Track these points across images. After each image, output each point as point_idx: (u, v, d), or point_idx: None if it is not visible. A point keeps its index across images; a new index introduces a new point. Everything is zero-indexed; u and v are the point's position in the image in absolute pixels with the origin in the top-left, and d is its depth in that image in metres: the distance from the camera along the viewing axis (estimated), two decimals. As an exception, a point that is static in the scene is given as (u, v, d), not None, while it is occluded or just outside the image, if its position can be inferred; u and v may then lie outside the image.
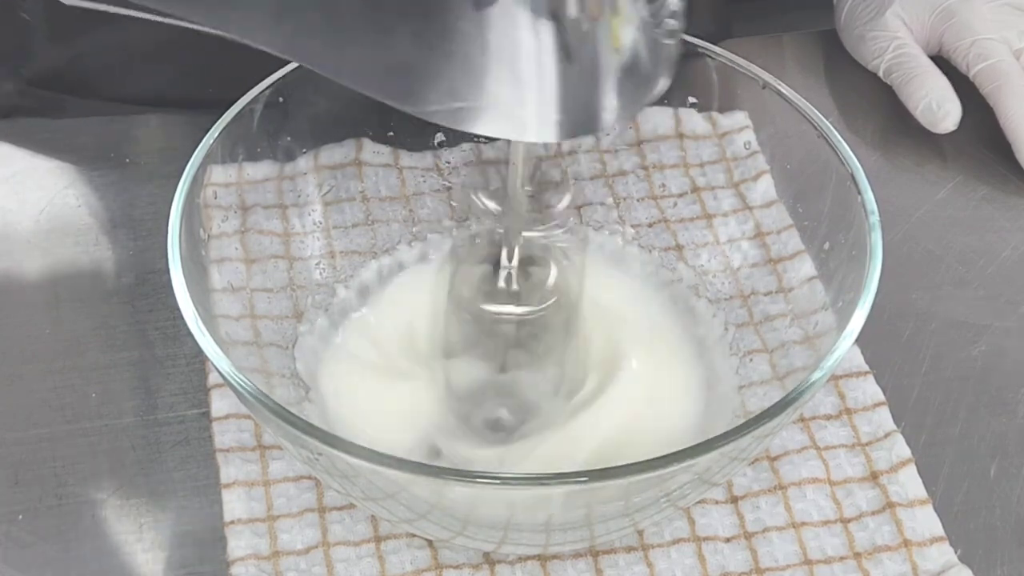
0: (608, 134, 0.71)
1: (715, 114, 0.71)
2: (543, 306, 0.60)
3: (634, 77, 0.46)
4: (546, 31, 0.44)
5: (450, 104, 0.45)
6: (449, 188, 0.70)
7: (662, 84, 0.48)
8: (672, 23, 0.46)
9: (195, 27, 0.47)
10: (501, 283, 0.58)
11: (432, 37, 0.44)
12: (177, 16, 0.47)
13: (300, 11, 0.45)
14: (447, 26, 0.44)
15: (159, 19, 0.48)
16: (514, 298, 0.59)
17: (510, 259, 0.58)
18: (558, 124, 0.46)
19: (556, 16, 0.44)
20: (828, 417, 0.63)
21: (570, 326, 0.61)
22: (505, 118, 0.46)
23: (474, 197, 0.60)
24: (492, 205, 0.60)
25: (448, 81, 0.45)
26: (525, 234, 0.58)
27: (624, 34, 0.45)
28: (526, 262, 0.59)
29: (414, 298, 0.66)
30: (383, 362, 0.63)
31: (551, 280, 0.60)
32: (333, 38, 0.46)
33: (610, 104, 0.46)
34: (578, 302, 0.61)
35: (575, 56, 0.44)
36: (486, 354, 0.61)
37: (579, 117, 0.46)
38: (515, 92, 0.45)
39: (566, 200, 0.62)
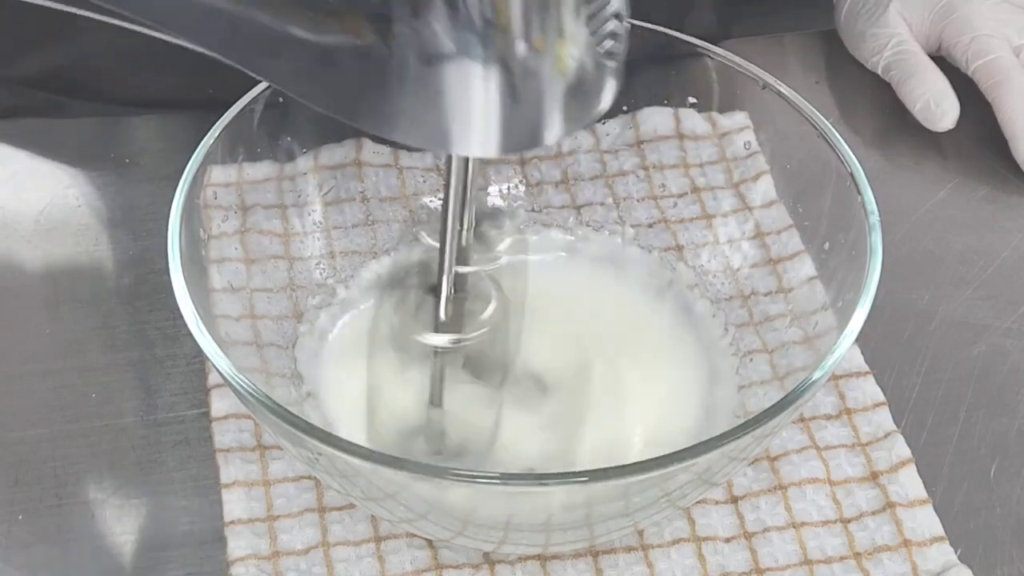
0: (594, 130, 0.71)
1: (715, 114, 0.71)
2: (475, 334, 0.59)
3: (578, 95, 0.47)
4: (494, 70, 0.44)
5: (394, 124, 0.46)
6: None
7: (605, 102, 0.48)
8: (612, 43, 0.47)
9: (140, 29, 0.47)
10: (439, 313, 0.57)
11: (379, 74, 0.45)
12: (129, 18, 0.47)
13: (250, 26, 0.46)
14: (395, 67, 0.44)
15: (115, 22, 0.48)
16: (448, 327, 0.58)
17: (445, 290, 0.57)
18: (500, 142, 0.46)
19: (503, 59, 0.44)
20: (828, 417, 0.63)
21: (506, 358, 0.60)
22: (448, 135, 0.46)
23: (417, 231, 0.60)
24: (430, 240, 0.60)
25: (393, 105, 0.45)
26: (459, 269, 0.57)
27: (569, 57, 0.46)
28: (462, 293, 0.59)
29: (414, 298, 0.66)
30: (383, 362, 0.63)
31: (487, 311, 0.59)
32: (307, 66, 0.46)
33: (554, 122, 0.47)
34: (516, 334, 0.60)
35: (520, 90, 0.45)
36: (419, 388, 0.60)
37: (521, 135, 0.47)
38: (460, 118, 0.45)
39: (507, 238, 0.62)
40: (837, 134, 0.60)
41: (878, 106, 0.78)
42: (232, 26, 0.45)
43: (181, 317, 0.54)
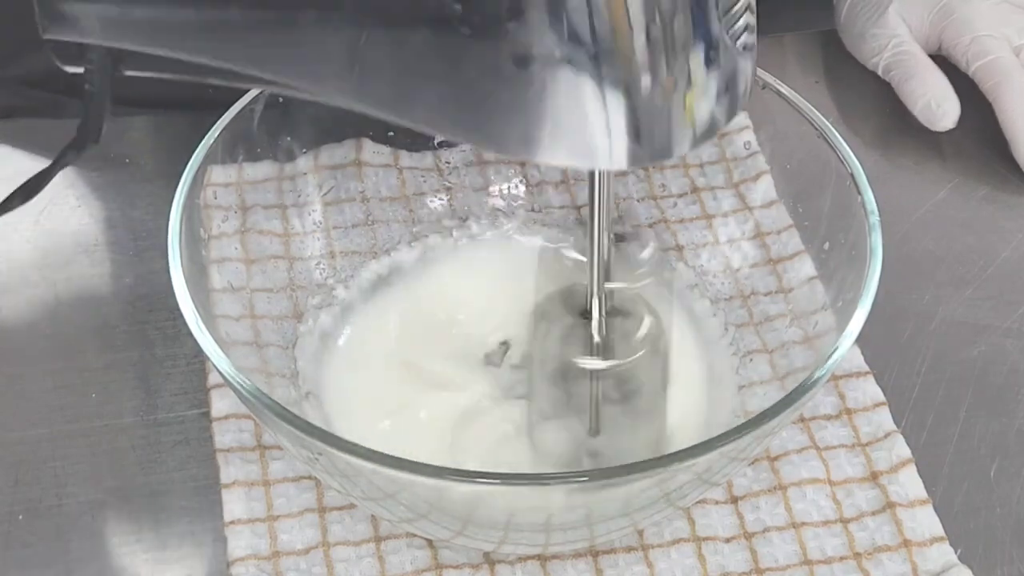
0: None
1: (715, 114, 0.70)
2: (632, 358, 0.58)
3: (719, 98, 0.46)
4: (617, 102, 0.44)
5: (523, 144, 0.45)
6: (450, 188, 0.70)
7: (743, 98, 0.47)
8: (747, 37, 0.46)
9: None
10: (592, 336, 0.57)
11: (502, 92, 0.44)
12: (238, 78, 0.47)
13: (370, 59, 0.45)
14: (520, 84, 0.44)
15: (222, 83, 0.48)
16: (602, 351, 0.57)
17: (598, 311, 0.56)
18: (630, 154, 0.45)
19: (628, 90, 0.43)
20: (828, 417, 0.63)
21: (664, 378, 0.59)
22: (578, 150, 0.45)
23: (561, 252, 0.59)
24: (575, 256, 0.59)
25: (522, 129, 0.44)
26: (610, 285, 0.57)
27: (699, 107, 0.45)
28: (613, 313, 0.58)
29: (414, 298, 0.66)
30: (383, 362, 0.63)
31: (641, 331, 0.59)
32: (404, 82, 0.45)
33: (686, 132, 0.46)
34: (668, 353, 0.59)
35: (645, 125, 0.44)
36: (575, 413, 0.59)
37: (653, 147, 0.46)
38: (586, 134, 0.44)
39: (650, 248, 0.61)
40: (837, 134, 0.60)
41: (878, 106, 0.78)
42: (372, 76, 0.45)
43: (181, 317, 0.54)
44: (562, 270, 0.62)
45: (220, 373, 0.53)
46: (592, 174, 0.53)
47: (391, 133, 0.69)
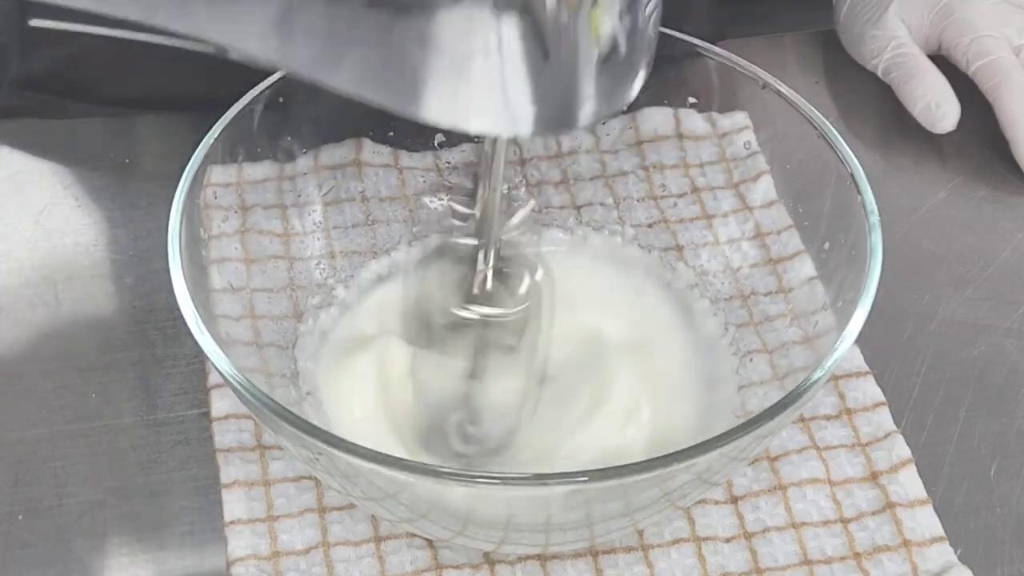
0: (594, 130, 0.71)
1: (715, 114, 0.71)
2: (518, 309, 0.58)
3: (614, 71, 0.46)
4: (521, 25, 0.44)
5: (438, 104, 0.45)
6: (450, 188, 0.70)
7: (642, 76, 0.48)
8: (652, 6, 0.46)
9: (172, 43, 0.47)
10: (476, 287, 0.57)
11: (413, 39, 0.44)
12: (157, 30, 0.47)
13: (298, 19, 0.45)
14: (425, 27, 0.44)
15: (136, 36, 0.48)
16: (489, 301, 0.58)
17: (486, 262, 0.57)
18: (535, 120, 0.46)
19: (531, 9, 0.44)
20: (828, 417, 0.63)
21: (543, 331, 0.59)
22: (489, 115, 0.46)
23: (450, 203, 0.60)
24: (465, 209, 0.59)
25: (432, 82, 0.45)
26: (503, 237, 0.57)
27: (604, 23, 0.45)
28: (501, 265, 0.58)
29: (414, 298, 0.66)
30: (383, 361, 0.63)
31: (526, 283, 0.59)
32: (329, 44, 0.46)
33: (589, 99, 0.46)
34: (552, 307, 0.60)
35: (552, 50, 0.44)
36: (456, 360, 0.59)
37: (558, 112, 0.46)
38: (494, 89, 0.45)
39: (530, 205, 0.61)
40: (837, 134, 0.60)
41: (878, 106, 0.78)
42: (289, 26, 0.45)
43: (181, 317, 0.54)
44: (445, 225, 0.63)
45: (220, 373, 0.53)
46: (490, 144, 0.53)
47: (391, 133, 0.69)
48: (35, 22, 0.51)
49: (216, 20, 0.47)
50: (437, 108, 0.46)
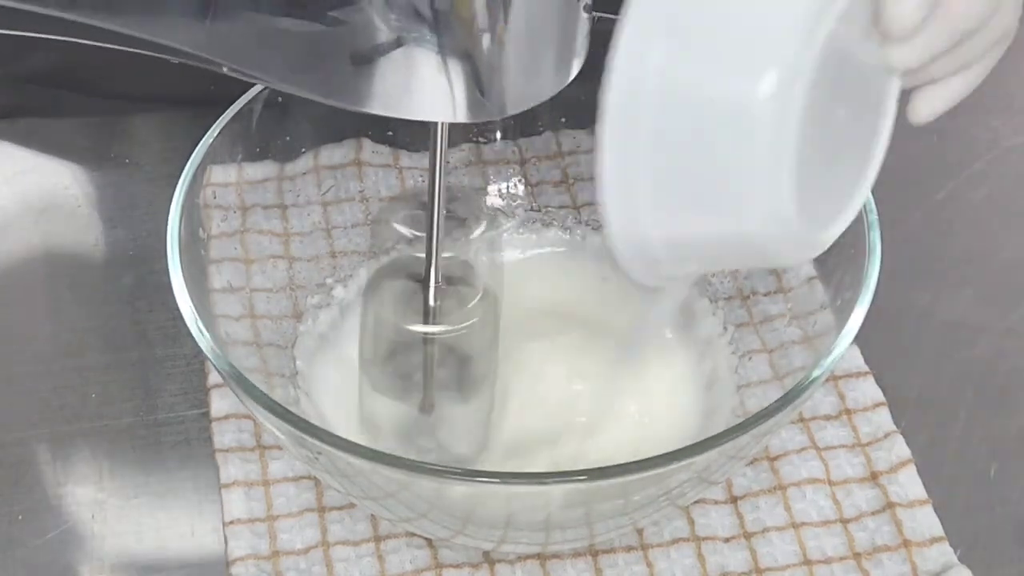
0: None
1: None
2: (465, 324, 0.58)
3: (548, 57, 0.47)
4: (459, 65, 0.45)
5: (369, 92, 0.46)
6: (449, 188, 0.69)
7: (576, 65, 0.48)
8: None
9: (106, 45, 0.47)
10: (427, 302, 0.57)
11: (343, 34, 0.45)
12: (99, 33, 0.47)
13: (225, 14, 0.46)
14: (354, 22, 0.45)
15: (83, 41, 0.48)
16: (437, 317, 0.57)
17: (434, 279, 0.56)
18: (468, 107, 0.46)
19: (469, 53, 0.45)
20: (828, 417, 0.63)
21: (494, 346, 0.59)
22: (426, 104, 0.46)
23: (395, 225, 0.60)
24: (409, 231, 0.59)
25: (368, 73, 0.46)
26: (446, 253, 0.57)
27: (536, 61, 0.46)
28: (447, 282, 0.58)
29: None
30: (374, 354, 0.63)
31: (474, 300, 0.58)
32: (258, 38, 0.46)
33: (520, 85, 0.47)
34: (498, 322, 0.59)
35: (486, 80, 0.45)
36: (410, 383, 0.59)
37: (490, 100, 0.47)
38: (429, 76, 0.45)
39: (482, 226, 0.62)
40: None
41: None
42: (223, 26, 0.46)
43: (181, 317, 0.54)
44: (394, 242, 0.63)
45: (220, 373, 0.53)
46: (434, 130, 0.53)
47: (390, 133, 0.69)
48: None
49: (141, 11, 0.47)
50: (379, 101, 0.46)
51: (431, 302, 0.56)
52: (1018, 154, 0.76)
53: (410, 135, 0.69)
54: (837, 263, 0.59)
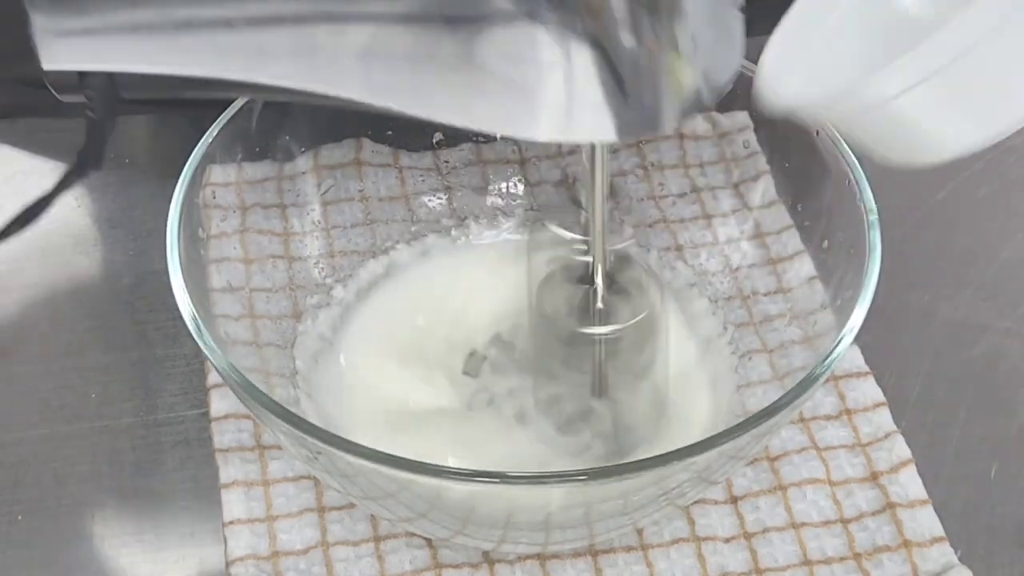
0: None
1: (715, 114, 0.71)
2: (636, 320, 0.58)
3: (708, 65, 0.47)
4: (599, 59, 0.44)
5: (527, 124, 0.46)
6: (449, 188, 0.70)
7: (733, 71, 0.49)
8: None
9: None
10: (594, 303, 0.57)
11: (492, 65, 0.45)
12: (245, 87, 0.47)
13: (383, 53, 0.45)
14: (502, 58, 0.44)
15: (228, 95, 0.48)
16: (604, 317, 0.58)
17: (597, 277, 0.57)
18: (617, 126, 0.46)
19: (602, 45, 0.44)
20: (828, 417, 0.63)
21: (662, 337, 0.60)
22: (566, 125, 0.46)
23: (553, 228, 0.60)
24: (568, 234, 0.59)
25: (513, 104, 0.45)
26: (611, 248, 0.57)
27: (685, 74, 0.45)
28: (611, 278, 0.58)
29: (413, 297, 0.66)
30: (381, 361, 0.63)
31: (641, 293, 0.59)
32: (416, 74, 0.45)
33: (672, 107, 0.46)
34: (665, 312, 0.60)
35: (630, 87, 0.45)
36: (580, 378, 0.60)
37: (642, 117, 0.46)
38: (573, 102, 0.45)
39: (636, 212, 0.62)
40: (837, 134, 0.60)
41: (878, 106, 0.78)
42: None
43: (181, 317, 0.54)
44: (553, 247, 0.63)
45: (219, 373, 0.53)
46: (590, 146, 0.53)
47: (390, 132, 0.69)
48: (130, 96, 0.52)
49: (295, 64, 0.47)
50: (545, 127, 0.45)
51: (599, 304, 0.57)
52: (1018, 154, 0.76)
53: (409, 135, 0.69)
54: (837, 262, 0.59)
